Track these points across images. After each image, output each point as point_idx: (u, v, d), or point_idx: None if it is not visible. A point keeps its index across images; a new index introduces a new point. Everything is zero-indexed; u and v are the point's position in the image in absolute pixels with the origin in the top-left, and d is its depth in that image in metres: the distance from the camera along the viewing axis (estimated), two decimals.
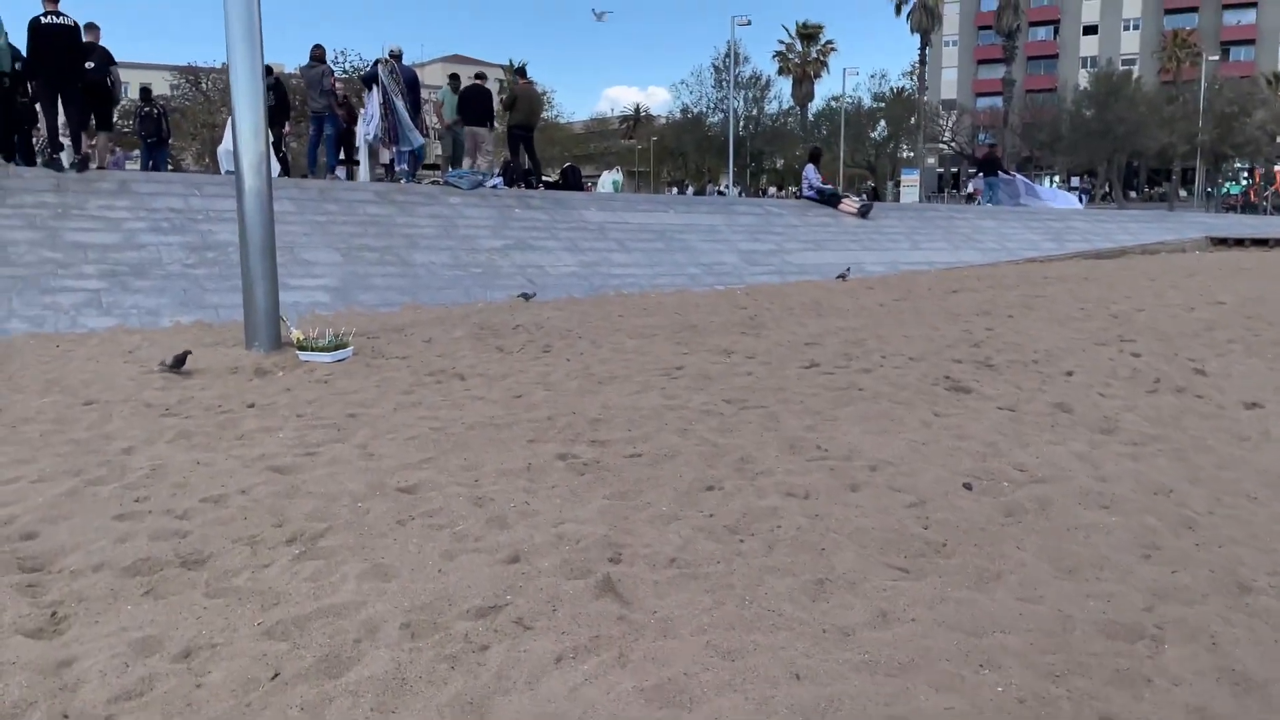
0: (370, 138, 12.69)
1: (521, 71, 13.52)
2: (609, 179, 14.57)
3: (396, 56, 12.62)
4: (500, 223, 12.22)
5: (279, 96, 14.17)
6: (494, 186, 13.37)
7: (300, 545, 3.02)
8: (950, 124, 60.41)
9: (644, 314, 8.96)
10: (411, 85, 12.67)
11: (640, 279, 11.45)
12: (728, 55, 56.28)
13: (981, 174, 23.50)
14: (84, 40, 11.28)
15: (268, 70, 14.46)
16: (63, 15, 10.30)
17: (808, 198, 17.07)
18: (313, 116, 12.43)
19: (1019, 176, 23.57)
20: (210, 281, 9.04)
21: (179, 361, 5.63)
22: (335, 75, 12.47)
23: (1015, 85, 58.57)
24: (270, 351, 6.44)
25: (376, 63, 12.55)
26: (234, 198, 11.38)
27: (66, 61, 10.33)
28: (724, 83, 57.81)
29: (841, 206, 16.71)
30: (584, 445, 4.16)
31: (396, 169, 12.98)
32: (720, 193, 53.90)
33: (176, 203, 10.52)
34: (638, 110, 75.76)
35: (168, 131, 14.74)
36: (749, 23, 40.34)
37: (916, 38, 59.49)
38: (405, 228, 11.38)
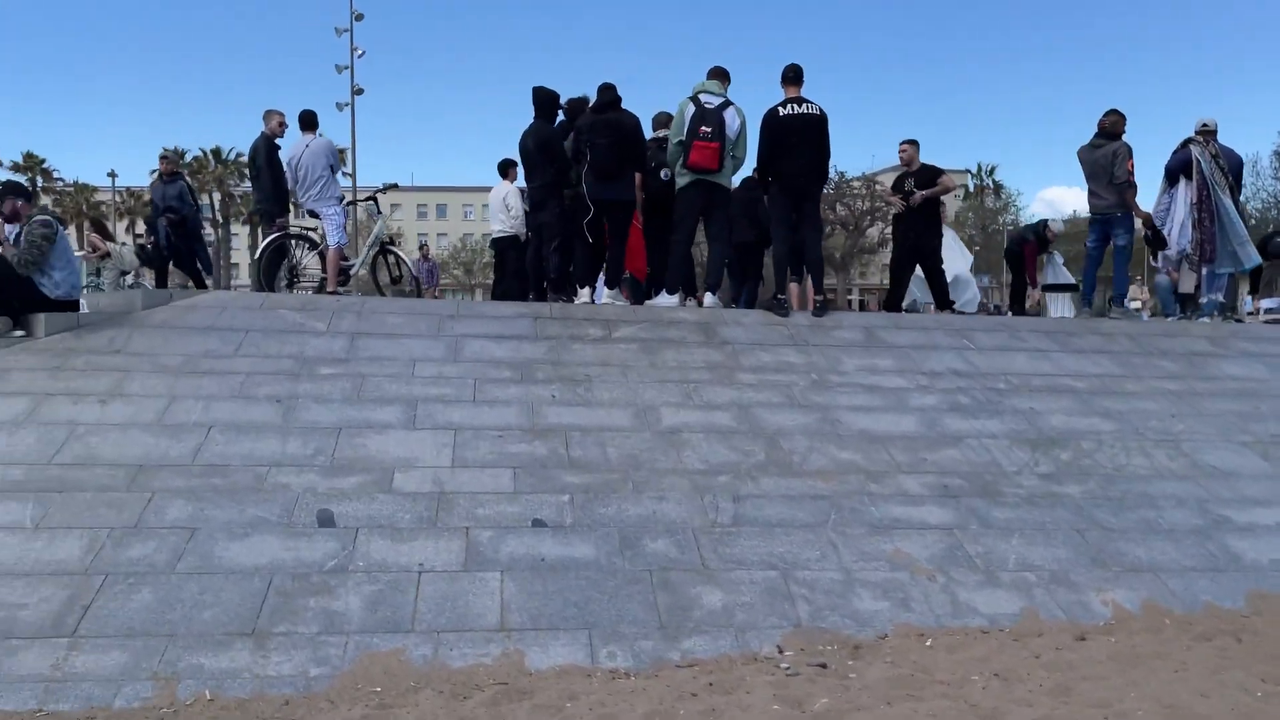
0: (1174, 254, 8.54)
1: None
2: None
3: (1210, 133, 8.39)
4: None
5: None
6: None
7: None
8: None
9: None
10: (1235, 172, 8.35)
11: None
12: None
13: None
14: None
15: None
16: (807, 102, 7.62)
17: None
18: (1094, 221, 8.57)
19: None
20: (1105, 511, 5.29)
21: None
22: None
23: None
24: None
25: (1188, 143, 8.38)
26: (1026, 350, 6.98)
27: (815, 161, 7.61)
28: None
29: None
30: None
31: (1204, 299, 8.59)
32: None
33: (954, 361, 7.14)
34: None
35: None
36: None
37: None
38: None
